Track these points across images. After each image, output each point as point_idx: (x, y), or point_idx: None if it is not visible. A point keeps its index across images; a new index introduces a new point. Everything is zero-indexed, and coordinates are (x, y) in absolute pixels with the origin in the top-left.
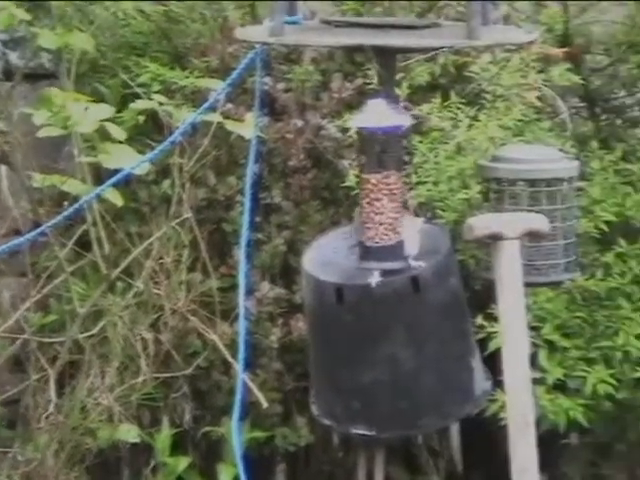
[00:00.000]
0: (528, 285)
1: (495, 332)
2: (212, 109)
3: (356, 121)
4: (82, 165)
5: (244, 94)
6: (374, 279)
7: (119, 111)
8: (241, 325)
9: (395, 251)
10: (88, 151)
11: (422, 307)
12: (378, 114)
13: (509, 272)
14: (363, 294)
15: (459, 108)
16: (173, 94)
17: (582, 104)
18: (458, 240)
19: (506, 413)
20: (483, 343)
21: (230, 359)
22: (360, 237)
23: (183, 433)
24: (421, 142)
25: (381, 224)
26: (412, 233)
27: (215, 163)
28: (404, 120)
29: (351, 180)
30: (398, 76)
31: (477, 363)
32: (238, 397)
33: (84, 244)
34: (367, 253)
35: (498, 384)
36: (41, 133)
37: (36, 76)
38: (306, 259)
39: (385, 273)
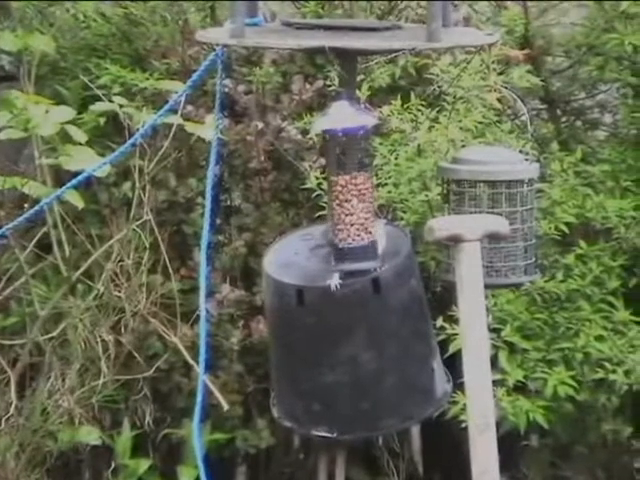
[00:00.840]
0: (488, 287)
1: (455, 334)
2: (173, 111)
3: (320, 123)
4: (43, 167)
5: (204, 96)
6: (333, 281)
7: (80, 113)
8: (202, 327)
9: (368, 251)
10: (49, 153)
11: (383, 309)
12: (342, 116)
13: (469, 274)
14: (324, 296)
15: (419, 110)
16: (134, 96)
17: (542, 106)
18: (418, 242)
19: (467, 415)
20: (443, 345)
21: (191, 361)
22: (332, 239)
23: (144, 435)
24: (381, 144)
25: (352, 225)
26: (379, 234)
27: (175, 165)
28: (367, 121)
29: (312, 182)
30: (359, 78)
31: (438, 365)
32: (199, 399)
33: (44, 246)
34: (340, 255)
35: (459, 386)
36: (1, 135)
37: None
38: (267, 261)
39: (345, 275)
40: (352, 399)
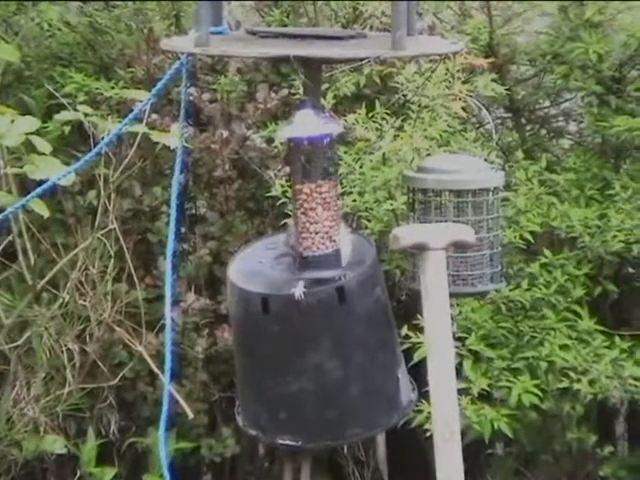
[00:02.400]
0: (454, 295)
1: (420, 342)
2: (137, 120)
3: (284, 131)
4: (8, 176)
5: (169, 105)
6: (298, 289)
7: (45, 121)
8: (167, 336)
9: (332, 260)
10: (14, 162)
11: (348, 317)
12: (306, 124)
13: (435, 282)
14: (289, 304)
15: (384, 119)
16: (99, 105)
17: (507, 114)
18: (383, 250)
19: (432, 423)
20: (408, 353)
21: (156, 370)
22: (296, 247)
23: (109, 444)
24: (346, 152)
25: (317, 233)
26: (343, 243)
27: (141, 174)
28: (332, 129)
29: (277, 190)
30: (323, 87)
31: (403, 373)
32: (164, 408)
33: (9, 255)
34: (305, 263)
35: (423, 395)
36: None
37: None
38: (232, 269)
39: (310, 283)
40: (317, 408)
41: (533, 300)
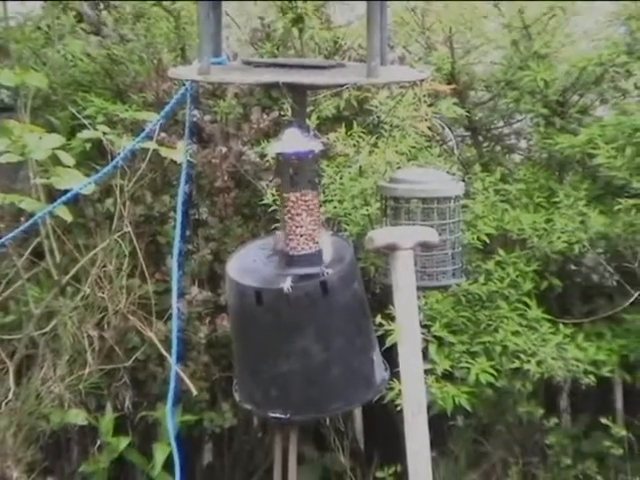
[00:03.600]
0: (421, 289)
1: (392, 330)
2: (149, 138)
3: (274, 147)
4: (37, 186)
5: (176, 125)
6: (286, 284)
7: (69, 139)
8: (174, 323)
9: (314, 258)
10: (42, 174)
11: (330, 308)
12: (293, 141)
13: (404, 278)
14: (279, 297)
15: (361, 137)
16: (115, 125)
17: (466, 133)
18: (360, 250)
19: (402, 399)
20: (382, 339)
21: (164, 353)
22: (284, 248)
23: (124, 417)
24: (328, 166)
25: (301, 235)
26: (325, 244)
27: (151, 184)
28: (316, 146)
29: (268, 198)
30: (308, 109)
31: (377, 356)
32: (172, 386)
33: (38, 254)
34: (291, 261)
35: (395, 374)
36: (1, 159)
37: None
38: (229, 267)
39: (298, 278)
40: (304, 386)
41: (489, 293)
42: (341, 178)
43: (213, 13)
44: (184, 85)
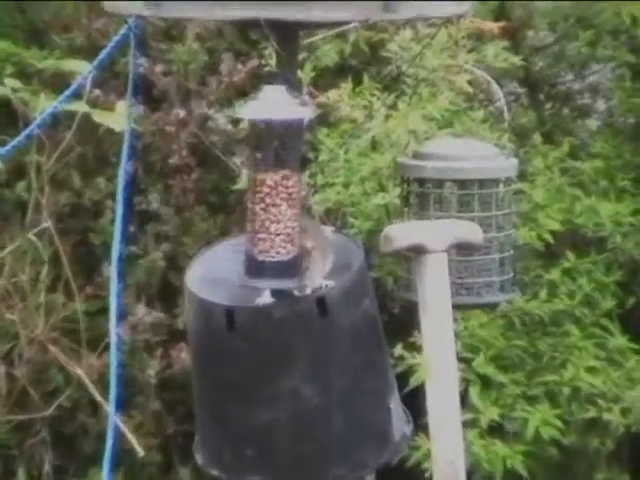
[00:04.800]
0: (457, 307)
1: (417, 364)
2: (77, 96)
3: (249, 111)
4: None
5: (115, 78)
6: (263, 299)
7: None
8: (112, 357)
9: (292, 267)
10: None
11: (330, 334)
12: (276, 103)
13: (434, 292)
14: (258, 318)
15: (374, 95)
16: (29, 78)
17: (522, 89)
18: (373, 253)
19: (431, 463)
20: (403, 378)
21: (99, 398)
22: (250, 249)
23: None
24: (328, 136)
25: (278, 234)
26: (319, 245)
27: (80, 162)
28: (307, 110)
29: (244, 181)
30: (300, 56)
31: (395, 402)
32: (109, 443)
33: None
34: (259, 269)
35: (421, 428)
36: None
37: None
38: (190, 276)
39: (282, 294)
40: (292, 443)
41: (553, 313)
42: (346, 153)
43: None
44: (126, 23)
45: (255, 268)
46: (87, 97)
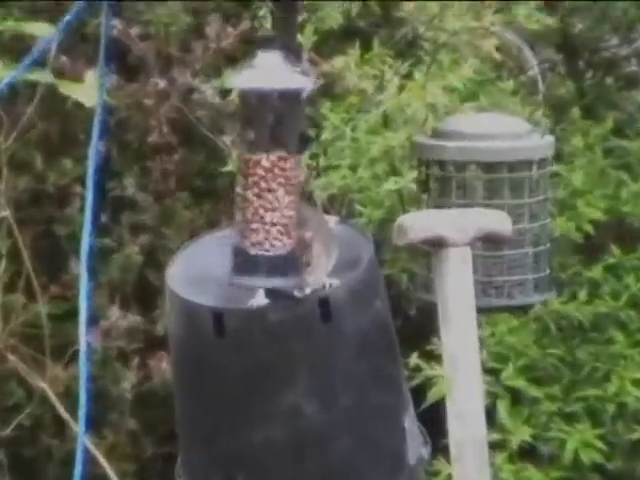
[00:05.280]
0: (484, 310)
1: (436, 376)
2: (39, 64)
3: (240, 80)
4: None
5: (84, 43)
6: (256, 300)
7: None
8: (81, 367)
9: (290, 262)
10: None
11: (334, 341)
12: (271, 71)
13: (456, 292)
14: (251, 322)
15: (385, 62)
16: None
17: (559, 56)
18: (385, 247)
19: None
20: (419, 392)
21: (65, 415)
22: (241, 243)
23: None
24: (332, 110)
25: (274, 225)
26: (321, 238)
27: (44, 140)
28: (307, 80)
29: (235, 163)
30: (300, 17)
31: (411, 420)
32: (78, 469)
33: None
34: (251, 265)
35: (441, 450)
36: None
37: None
38: (172, 274)
39: (278, 294)
40: (291, 467)
41: (595, 317)
42: (353, 130)
43: None
44: None
45: (246, 264)
46: (52, 65)
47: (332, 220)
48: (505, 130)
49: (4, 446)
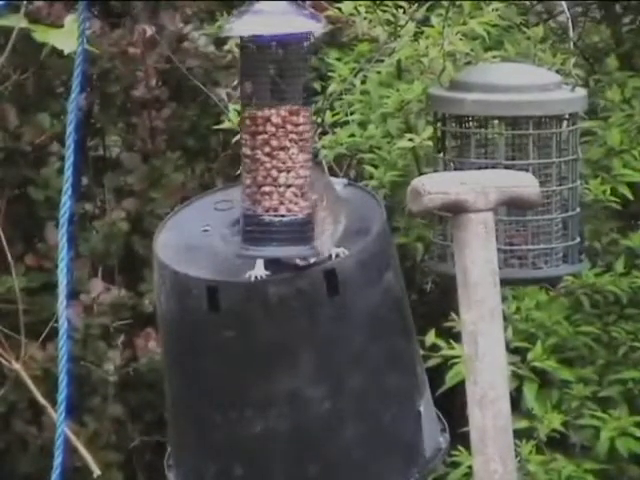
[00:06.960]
0: (507, 283)
1: (455, 357)
2: (12, 8)
3: (237, 26)
4: None
5: None
6: (255, 272)
7: None
8: (60, 347)
9: (307, 229)
10: None
11: (342, 318)
12: (271, 16)
13: (477, 263)
14: (249, 297)
15: (399, 6)
16: None
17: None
18: (398, 213)
19: None
20: (437, 374)
21: (42, 400)
22: (250, 209)
23: None
24: (340, 60)
25: (289, 186)
26: (328, 202)
27: (18, 93)
28: (312, 25)
29: (231, 119)
30: None
31: (427, 405)
32: (57, 460)
33: None
34: (265, 233)
35: (461, 438)
36: None
37: None
38: (161, 243)
39: (279, 265)
40: (293, 458)
41: (632, 291)
42: (364, 82)
43: None
44: None
45: (259, 232)
46: (25, 9)
47: (339, 183)
48: (531, 81)
49: None
